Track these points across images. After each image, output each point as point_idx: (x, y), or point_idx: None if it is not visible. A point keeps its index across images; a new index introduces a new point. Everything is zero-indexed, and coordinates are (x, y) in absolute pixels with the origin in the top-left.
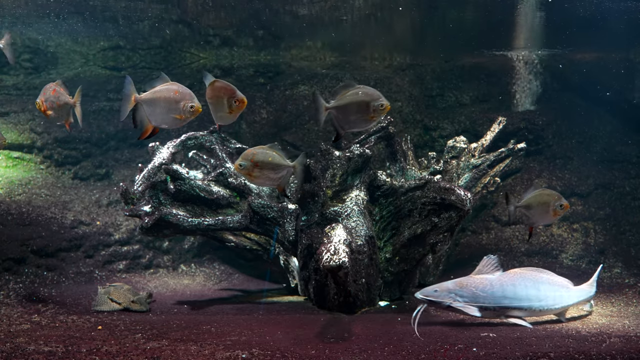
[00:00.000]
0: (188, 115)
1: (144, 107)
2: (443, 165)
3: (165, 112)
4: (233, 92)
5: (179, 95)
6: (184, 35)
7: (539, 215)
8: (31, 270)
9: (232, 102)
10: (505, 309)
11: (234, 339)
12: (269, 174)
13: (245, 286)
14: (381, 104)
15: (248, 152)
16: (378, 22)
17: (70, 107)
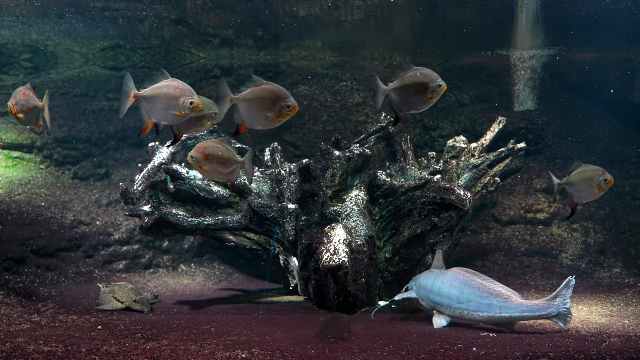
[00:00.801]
0: (188, 112)
1: (144, 104)
2: (443, 165)
3: (165, 109)
4: (286, 96)
5: (179, 91)
6: (184, 35)
7: (583, 192)
8: (31, 270)
9: (284, 107)
10: (433, 303)
11: (234, 339)
12: (219, 167)
13: (245, 286)
14: (439, 85)
15: (200, 145)
16: (378, 22)
17: (40, 111)
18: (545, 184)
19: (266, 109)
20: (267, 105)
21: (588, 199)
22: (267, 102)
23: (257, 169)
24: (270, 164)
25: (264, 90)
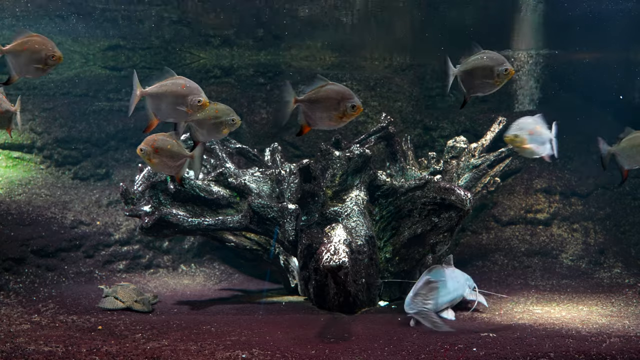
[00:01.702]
0: (195, 110)
1: (149, 101)
2: (443, 165)
3: (172, 106)
4: (351, 96)
5: (186, 89)
6: (184, 35)
7: (634, 158)
8: (31, 270)
9: (348, 107)
10: None
11: (234, 339)
12: (168, 161)
13: (245, 286)
14: (505, 69)
15: (149, 138)
16: (378, 22)
17: (12, 114)
18: (545, 184)
19: (331, 109)
20: (332, 105)
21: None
22: (332, 103)
23: (257, 169)
24: (270, 164)
25: (329, 90)
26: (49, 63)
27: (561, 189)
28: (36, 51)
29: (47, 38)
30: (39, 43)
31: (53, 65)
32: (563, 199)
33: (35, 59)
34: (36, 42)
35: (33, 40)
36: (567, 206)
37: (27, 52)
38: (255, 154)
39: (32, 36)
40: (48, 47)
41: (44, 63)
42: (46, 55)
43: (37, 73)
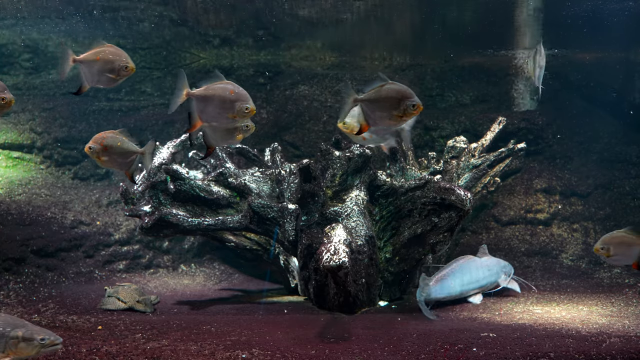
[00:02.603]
0: (242, 116)
1: (196, 104)
2: (443, 165)
3: (218, 111)
4: (411, 95)
5: (234, 95)
6: (184, 35)
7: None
8: (31, 270)
9: (409, 106)
10: None
11: (234, 339)
12: (118, 158)
13: (245, 286)
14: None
15: (98, 136)
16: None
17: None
18: (545, 184)
19: (391, 108)
20: (392, 104)
21: None
22: (393, 102)
23: (257, 169)
24: (270, 164)
25: (389, 89)
26: (121, 74)
27: (561, 189)
28: (110, 61)
29: (120, 49)
30: (113, 54)
31: (125, 76)
32: (563, 199)
33: (108, 69)
34: (110, 52)
35: (107, 51)
36: (567, 206)
37: (100, 62)
38: (255, 154)
39: (106, 46)
40: (122, 58)
41: (117, 73)
42: (119, 65)
43: (109, 83)
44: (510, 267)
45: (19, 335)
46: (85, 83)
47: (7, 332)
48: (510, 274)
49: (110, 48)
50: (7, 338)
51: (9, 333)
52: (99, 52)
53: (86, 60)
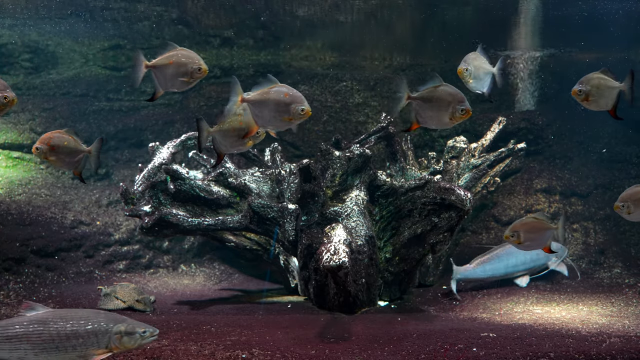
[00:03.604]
0: (298, 118)
1: (251, 108)
2: (443, 165)
3: (274, 114)
4: (462, 99)
5: (289, 97)
6: (184, 35)
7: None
8: (31, 270)
9: (458, 110)
10: None
11: (234, 339)
12: (65, 157)
13: (245, 286)
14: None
15: (45, 137)
16: (378, 22)
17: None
18: (545, 184)
19: (441, 109)
20: (443, 106)
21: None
22: (443, 104)
23: (257, 169)
24: (270, 164)
25: (442, 91)
26: (194, 76)
27: (561, 189)
28: (182, 64)
29: (192, 51)
30: (185, 56)
31: (199, 78)
32: (563, 199)
33: (181, 72)
34: (182, 55)
35: (179, 54)
36: (567, 206)
37: (173, 66)
38: (255, 154)
39: (177, 50)
40: (194, 60)
41: (190, 76)
42: (192, 68)
43: (183, 86)
44: (564, 250)
45: (122, 330)
46: (159, 89)
47: (111, 327)
48: (562, 256)
49: (182, 51)
50: (110, 334)
51: (112, 329)
52: (171, 56)
53: (159, 65)
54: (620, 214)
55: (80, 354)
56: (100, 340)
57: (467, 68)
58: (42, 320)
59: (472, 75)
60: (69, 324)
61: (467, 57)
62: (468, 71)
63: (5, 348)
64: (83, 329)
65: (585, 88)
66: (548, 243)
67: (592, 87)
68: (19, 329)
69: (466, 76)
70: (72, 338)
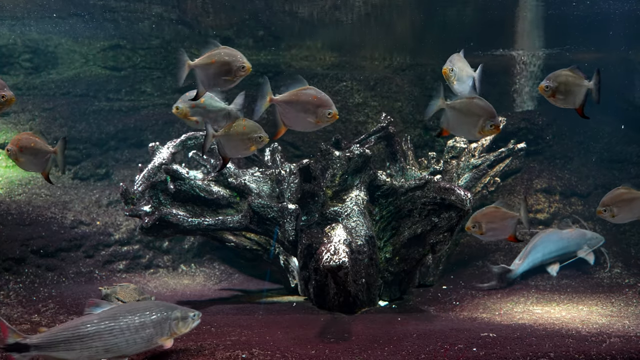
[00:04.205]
0: (325, 122)
1: (279, 109)
2: (443, 165)
3: (301, 116)
4: (493, 115)
5: (317, 100)
6: (184, 35)
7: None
8: (31, 270)
9: (488, 124)
10: None
11: (234, 339)
12: (32, 158)
13: (245, 286)
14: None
15: (14, 139)
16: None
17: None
18: (545, 184)
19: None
20: (473, 121)
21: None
22: (474, 116)
23: (257, 169)
24: (270, 164)
25: (474, 104)
26: (238, 74)
27: (561, 189)
28: (225, 63)
29: (234, 49)
30: (228, 55)
31: (242, 76)
32: (563, 199)
33: (224, 70)
34: (225, 54)
35: (222, 53)
36: (567, 206)
37: (216, 65)
38: (255, 154)
39: (220, 48)
40: (237, 58)
41: (234, 75)
42: (236, 66)
43: (226, 85)
44: (599, 239)
45: (178, 316)
46: (201, 88)
47: (170, 315)
48: (594, 245)
49: (224, 49)
50: (170, 321)
51: (170, 315)
52: (213, 55)
53: (201, 64)
54: (604, 219)
55: (147, 344)
56: (164, 329)
57: (452, 68)
58: (112, 316)
59: (457, 77)
60: (137, 316)
61: (452, 57)
62: (453, 72)
63: (77, 347)
64: (149, 320)
65: (552, 84)
66: (512, 231)
67: (559, 84)
68: (90, 327)
69: (451, 77)
70: (140, 330)
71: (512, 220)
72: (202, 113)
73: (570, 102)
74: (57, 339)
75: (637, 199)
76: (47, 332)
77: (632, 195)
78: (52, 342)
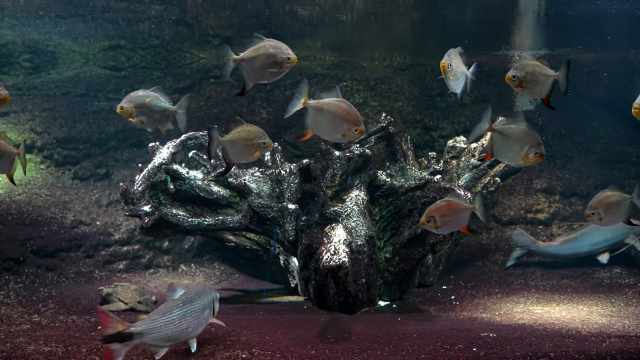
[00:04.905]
0: (351, 138)
1: (311, 114)
2: (443, 165)
3: (329, 127)
4: (539, 143)
5: (346, 114)
6: (184, 35)
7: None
8: (31, 270)
9: (533, 152)
10: None
11: (234, 339)
12: (1, 161)
13: (245, 286)
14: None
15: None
16: (378, 22)
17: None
18: (545, 184)
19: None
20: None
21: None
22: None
23: (257, 169)
24: (270, 164)
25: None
26: (284, 66)
27: (561, 189)
28: (271, 55)
29: (279, 41)
30: (273, 47)
31: (288, 68)
32: (563, 199)
33: (270, 63)
34: (270, 46)
35: (267, 45)
36: (567, 206)
37: (261, 58)
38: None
39: (265, 41)
40: (283, 50)
41: (279, 67)
42: (282, 58)
43: (272, 77)
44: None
45: (216, 297)
46: (248, 82)
47: (214, 296)
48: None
49: (269, 42)
50: (214, 300)
51: (214, 296)
52: (258, 48)
53: (247, 58)
54: (592, 222)
55: (205, 324)
56: (212, 308)
57: (450, 63)
58: (188, 300)
59: (453, 73)
60: (201, 299)
61: (450, 52)
62: (451, 67)
63: (169, 332)
64: (207, 301)
65: (519, 74)
66: (466, 223)
67: (526, 74)
68: (177, 312)
69: (449, 72)
70: (204, 311)
71: (465, 212)
72: (146, 113)
73: (536, 92)
74: (155, 324)
75: (623, 201)
76: (147, 318)
77: (618, 198)
78: (152, 328)
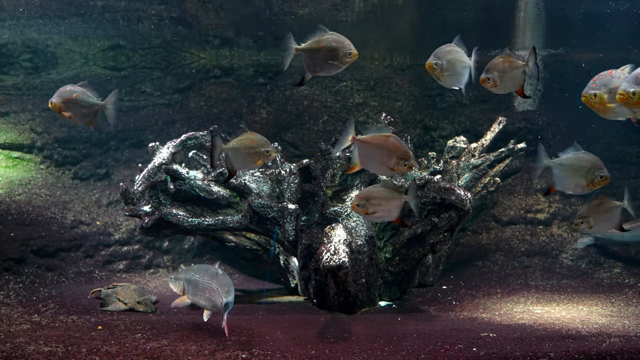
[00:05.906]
0: (399, 170)
1: (359, 148)
2: (443, 165)
3: (378, 159)
4: (601, 166)
5: (395, 149)
6: (184, 35)
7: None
8: (31, 270)
9: (598, 176)
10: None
11: (234, 339)
12: None
13: (245, 286)
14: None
15: None
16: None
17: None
18: (545, 184)
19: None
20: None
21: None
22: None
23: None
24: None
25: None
26: (344, 60)
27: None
28: (333, 49)
29: (341, 35)
30: (335, 41)
31: (349, 63)
32: (563, 199)
33: (332, 55)
34: (333, 39)
35: (330, 38)
36: (567, 206)
37: (323, 50)
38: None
39: (328, 34)
40: (345, 45)
41: (340, 60)
42: (343, 52)
43: (332, 70)
44: None
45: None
46: (308, 73)
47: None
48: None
49: (332, 35)
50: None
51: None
52: (321, 40)
53: (308, 49)
54: (582, 231)
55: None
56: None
57: (436, 62)
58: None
59: (447, 70)
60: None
61: (439, 50)
62: (438, 66)
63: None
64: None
65: (492, 75)
66: (398, 214)
67: (498, 72)
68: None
69: (436, 71)
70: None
71: (399, 202)
72: (74, 108)
73: (510, 86)
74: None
75: (613, 209)
76: None
77: (608, 206)
78: None
